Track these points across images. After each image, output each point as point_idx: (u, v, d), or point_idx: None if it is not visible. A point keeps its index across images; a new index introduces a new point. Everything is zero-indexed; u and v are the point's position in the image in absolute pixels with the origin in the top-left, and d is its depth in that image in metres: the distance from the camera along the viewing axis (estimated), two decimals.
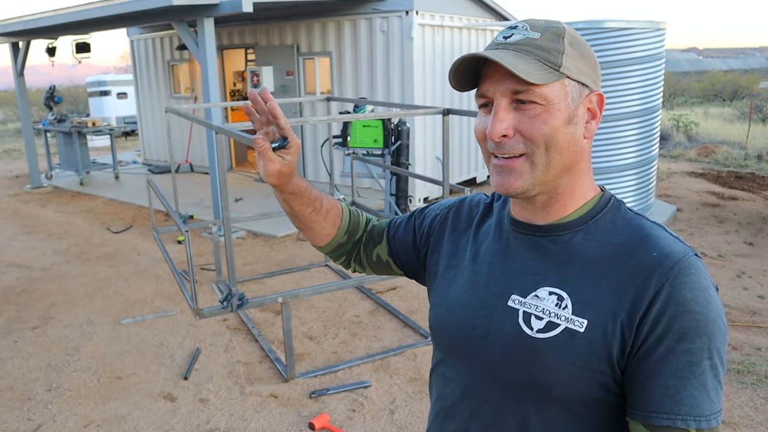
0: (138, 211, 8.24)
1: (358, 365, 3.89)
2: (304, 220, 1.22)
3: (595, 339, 0.88)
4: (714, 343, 0.85)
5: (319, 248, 1.29)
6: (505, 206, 1.09)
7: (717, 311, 0.86)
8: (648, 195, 6.89)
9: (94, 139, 13.67)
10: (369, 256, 1.29)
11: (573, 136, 0.93)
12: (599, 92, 0.96)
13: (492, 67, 0.92)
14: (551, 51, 0.91)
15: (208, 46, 6.41)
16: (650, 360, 0.85)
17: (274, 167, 1.09)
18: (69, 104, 21.61)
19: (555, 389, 0.91)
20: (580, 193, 0.98)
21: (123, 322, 4.61)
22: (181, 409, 3.44)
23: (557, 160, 0.93)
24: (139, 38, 11.24)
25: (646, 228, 0.94)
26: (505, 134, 0.92)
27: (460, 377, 1.04)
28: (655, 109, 6.64)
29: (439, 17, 8.12)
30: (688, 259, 0.88)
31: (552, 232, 0.98)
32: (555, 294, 0.93)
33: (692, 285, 0.86)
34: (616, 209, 0.98)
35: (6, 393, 3.66)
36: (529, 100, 0.90)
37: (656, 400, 0.85)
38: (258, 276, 5.57)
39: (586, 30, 6.21)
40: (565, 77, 0.91)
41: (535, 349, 0.92)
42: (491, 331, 0.98)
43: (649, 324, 0.85)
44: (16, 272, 5.90)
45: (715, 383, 0.85)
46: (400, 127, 6.38)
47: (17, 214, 8.41)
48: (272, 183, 1.12)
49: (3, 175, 11.79)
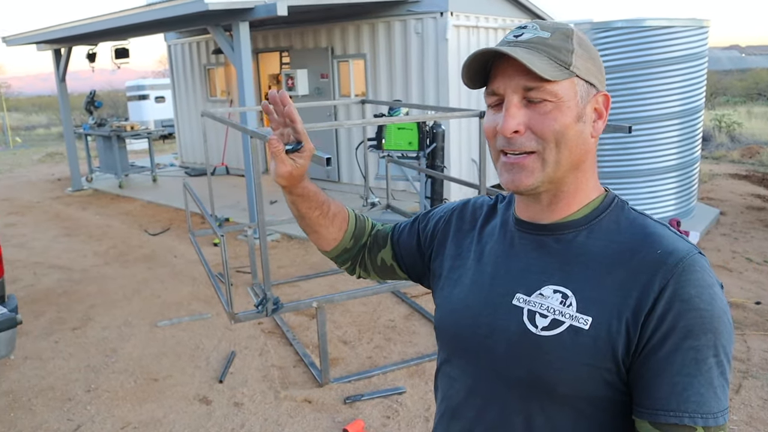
0: (175, 214, 8.35)
1: (393, 371, 3.85)
2: (311, 223, 1.24)
3: (599, 336, 0.88)
4: (720, 340, 0.85)
5: (326, 253, 1.30)
6: (509, 207, 1.10)
7: (722, 308, 0.86)
8: (690, 198, 6.70)
9: (132, 143, 13.94)
10: (374, 260, 1.30)
11: (582, 134, 0.94)
12: (605, 93, 0.98)
13: (504, 64, 0.93)
14: (561, 50, 0.92)
15: (244, 50, 6.45)
16: (656, 358, 0.85)
17: (285, 169, 1.12)
18: (109, 108, 22.12)
19: (560, 387, 0.91)
20: (585, 192, 0.99)
21: (159, 324, 4.66)
22: (216, 413, 3.45)
23: (567, 157, 0.93)
24: (176, 43, 11.41)
25: (650, 227, 0.95)
26: (516, 130, 0.92)
27: (465, 377, 1.04)
28: (697, 110, 6.45)
29: (474, 18, 8.04)
30: (692, 256, 0.88)
31: (556, 230, 0.99)
32: (559, 292, 0.94)
33: (697, 282, 0.86)
34: (619, 209, 0.99)
35: (47, 392, 3.72)
36: (540, 97, 0.91)
37: (662, 397, 0.84)
38: (293, 279, 5.58)
39: (626, 29, 6.07)
40: (574, 76, 0.92)
41: (540, 347, 0.92)
42: (496, 329, 0.99)
43: (654, 322, 0.85)
44: (57, 274, 6.02)
45: (722, 380, 0.85)
46: (435, 129, 6.33)
47: (59, 217, 8.60)
48: (281, 184, 1.16)
49: (46, 178, 12.10)
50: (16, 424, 3.40)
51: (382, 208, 5.77)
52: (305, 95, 9.10)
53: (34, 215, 8.78)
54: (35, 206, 9.41)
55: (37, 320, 4.83)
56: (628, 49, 6.09)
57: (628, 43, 6.08)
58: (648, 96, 6.16)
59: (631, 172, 6.34)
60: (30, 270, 6.16)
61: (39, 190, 10.80)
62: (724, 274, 5.30)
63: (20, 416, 3.48)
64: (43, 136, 21.77)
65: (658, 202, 6.43)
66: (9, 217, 8.64)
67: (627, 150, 6.30)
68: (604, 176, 6.44)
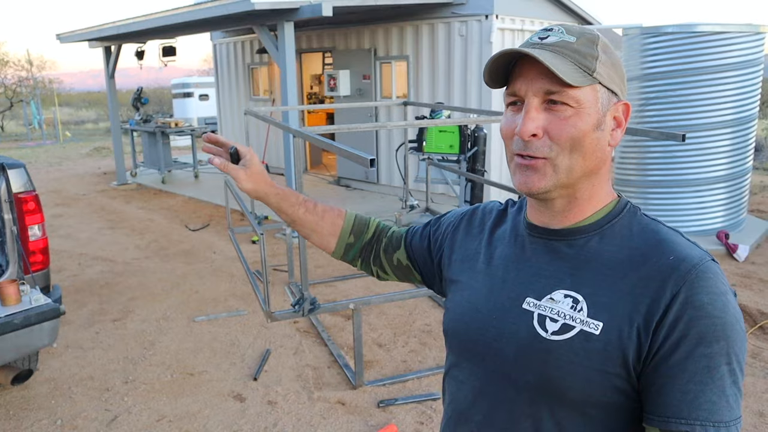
0: (215, 210, 8.46)
1: (428, 376, 3.80)
2: (303, 224, 1.31)
3: (610, 342, 0.87)
4: (732, 348, 0.83)
5: (333, 253, 1.35)
6: (520, 212, 1.09)
7: (735, 316, 0.85)
8: (739, 210, 6.47)
9: (176, 139, 14.22)
10: (390, 260, 1.32)
11: (599, 141, 0.93)
12: (626, 102, 0.97)
13: (526, 65, 0.92)
14: (586, 56, 0.91)
15: (288, 50, 6.49)
16: (667, 365, 0.84)
17: (241, 175, 1.23)
18: (155, 105, 22.62)
19: (570, 392, 0.90)
20: (598, 199, 0.98)
21: (197, 320, 4.71)
22: (250, 410, 3.46)
23: (580, 164, 0.93)
24: (222, 42, 11.58)
25: (662, 233, 0.94)
26: (534, 133, 0.91)
27: (473, 380, 1.03)
28: (750, 119, 6.23)
29: (520, 21, 7.94)
30: (705, 263, 0.87)
31: (568, 236, 0.98)
32: (570, 297, 0.93)
33: (709, 289, 0.85)
34: (632, 214, 0.98)
35: (87, 382, 3.79)
36: (561, 101, 0.90)
37: (674, 405, 0.83)
38: (329, 279, 5.58)
39: (677, 35, 5.90)
40: (597, 83, 0.92)
41: (549, 351, 0.91)
42: (505, 333, 0.98)
43: (665, 328, 0.84)
44: (100, 265, 6.15)
45: (734, 389, 0.84)
46: (477, 133, 6.26)
47: (104, 209, 8.81)
48: (251, 191, 1.25)
49: (92, 171, 12.42)
50: (56, 411, 3.47)
51: (421, 210, 5.73)
52: (347, 96, 9.13)
53: (80, 207, 9.01)
54: (81, 198, 9.65)
55: (80, 310, 4.94)
56: (679, 55, 5.92)
57: (679, 49, 5.90)
58: (698, 104, 5.97)
59: (678, 181, 6.16)
60: (75, 261, 6.31)
61: (85, 183, 11.08)
62: None
63: (60, 403, 3.55)
64: (92, 131, 22.39)
65: (707, 213, 6.23)
66: (56, 209, 8.88)
67: (675, 159, 6.12)
68: (651, 185, 6.27)
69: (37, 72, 23.48)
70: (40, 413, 3.45)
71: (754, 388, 3.61)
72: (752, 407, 3.42)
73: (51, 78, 25.42)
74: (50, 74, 26.62)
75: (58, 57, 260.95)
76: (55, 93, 23.11)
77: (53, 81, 25.29)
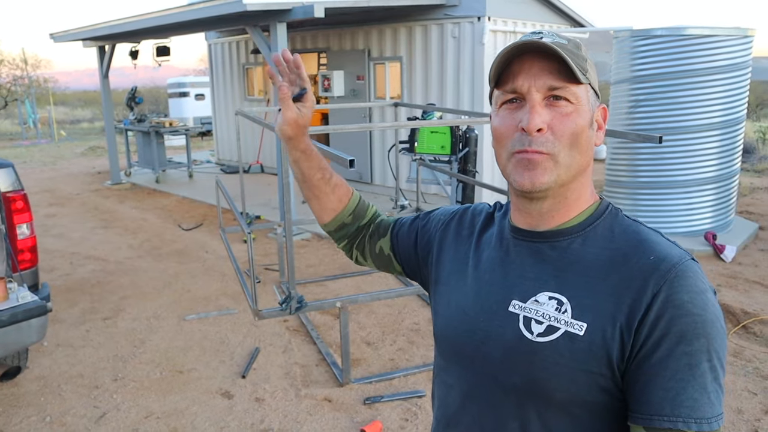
0: (209, 210, 8.48)
1: (414, 374, 3.84)
2: (312, 187, 1.28)
3: (594, 342, 0.89)
4: (713, 345, 0.85)
5: (325, 225, 1.34)
6: (505, 216, 1.11)
7: (715, 314, 0.87)
8: (728, 211, 6.53)
9: (171, 139, 14.22)
10: (372, 247, 1.33)
11: (591, 139, 0.97)
12: (604, 106, 1.01)
13: (527, 62, 0.93)
14: (579, 57, 0.94)
15: (281, 50, 6.51)
16: (649, 363, 0.86)
17: (292, 115, 1.18)
18: (150, 104, 22.60)
19: (556, 393, 0.91)
20: (584, 200, 1.00)
21: (187, 318, 4.74)
22: (237, 407, 3.50)
23: (577, 161, 0.95)
24: (217, 42, 11.60)
25: (643, 233, 0.95)
26: (541, 128, 0.92)
27: (461, 383, 1.05)
28: (738, 121, 6.29)
29: (512, 23, 7.99)
30: (685, 262, 0.89)
31: (551, 238, 0.99)
32: (555, 299, 0.94)
33: (690, 288, 0.86)
34: (613, 216, 1.00)
35: (76, 380, 3.82)
36: (564, 96, 0.92)
37: (656, 402, 0.85)
38: (320, 278, 5.62)
39: (666, 38, 5.95)
40: (588, 83, 0.95)
41: (535, 353, 0.93)
42: (492, 336, 0.99)
43: (647, 327, 0.86)
44: (92, 264, 6.18)
45: (716, 386, 0.85)
46: (469, 134, 6.30)
47: (97, 209, 8.83)
48: (287, 134, 1.20)
49: (87, 171, 12.43)
50: (45, 407, 3.50)
51: (412, 210, 5.77)
52: (341, 96, 9.16)
53: (73, 207, 9.02)
54: (75, 198, 9.67)
55: (71, 309, 4.97)
56: (668, 57, 5.97)
57: (669, 51, 5.96)
58: (687, 106, 6.03)
59: (668, 182, 6.21)
60: (67, 260, 6.34)
61: (79, 182, 11.09)
62: (760, 290, 5.15)
63: (50, 400, 3.58)
64: (87, 130, 22.37)
65: (695, 214, 6.29)
66: (50, 208, 8.89)
67: (663, 160, 6.17)
68: (641, 186, 6.33)
69: (32, 71, 23.47)
70: (29, 410, 3.49)
71: (734, 386, 3.66)
72: (731, 404, 3.47)
73: (46, 77, 25.41)
74: (45, 73, 26.63)
75: (53, 56, 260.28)
76: (50, 92, 23.07)
77: (48, 80, 25.25)
